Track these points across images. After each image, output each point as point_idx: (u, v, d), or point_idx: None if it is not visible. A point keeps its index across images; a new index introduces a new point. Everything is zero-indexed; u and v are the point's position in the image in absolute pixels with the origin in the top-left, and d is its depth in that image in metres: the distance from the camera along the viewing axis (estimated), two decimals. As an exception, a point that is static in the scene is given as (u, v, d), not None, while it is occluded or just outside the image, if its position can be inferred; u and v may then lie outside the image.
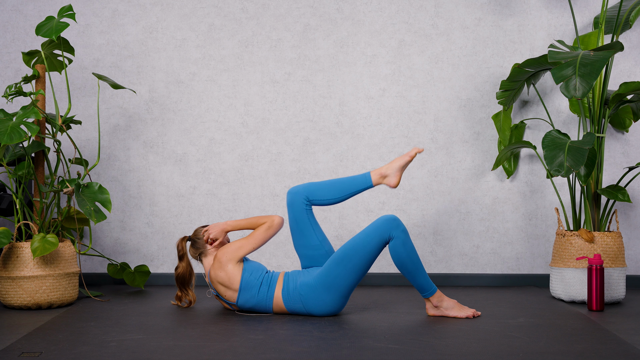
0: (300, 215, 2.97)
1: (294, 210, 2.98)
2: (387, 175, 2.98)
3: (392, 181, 2.98)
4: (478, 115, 3.84)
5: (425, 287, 2.83)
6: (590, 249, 3.24)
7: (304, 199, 2.98)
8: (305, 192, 2.99)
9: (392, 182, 2.98)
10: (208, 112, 3.86)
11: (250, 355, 2.21)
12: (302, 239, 2.98)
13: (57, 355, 2.22)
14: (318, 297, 2.82)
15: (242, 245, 2.89)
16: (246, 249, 2.89)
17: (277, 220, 2.94)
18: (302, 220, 2.97)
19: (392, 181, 2.98)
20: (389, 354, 2.21)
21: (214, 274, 2.88)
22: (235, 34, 3.86)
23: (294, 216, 2.98)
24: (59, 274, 3.13)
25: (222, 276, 2.86)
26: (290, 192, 3.00)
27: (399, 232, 2.78)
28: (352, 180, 3.00)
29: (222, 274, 2.86)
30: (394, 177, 2.98)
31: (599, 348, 2.31)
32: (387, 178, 2.98)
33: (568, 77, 2.85)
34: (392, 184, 2.98)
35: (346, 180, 3.00)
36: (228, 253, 2.88)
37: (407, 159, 2.98)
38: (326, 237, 3.00)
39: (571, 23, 3.81)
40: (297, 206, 2.98)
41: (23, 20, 3.86)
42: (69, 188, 3.19)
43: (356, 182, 2.99)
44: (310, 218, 2.98)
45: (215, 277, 2.88)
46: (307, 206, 2.99)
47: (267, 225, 2.92)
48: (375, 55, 3.85)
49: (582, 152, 2.98)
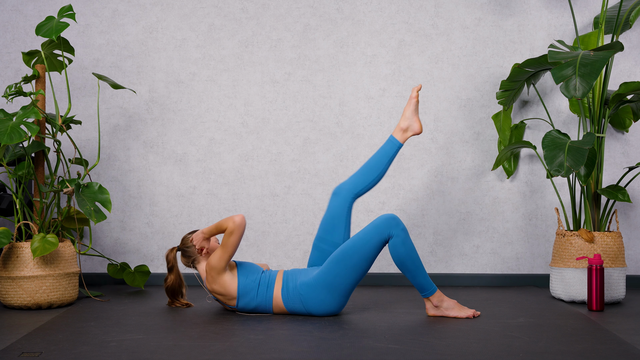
0: (341, 211, 3.00)
1: (335, 206, 3.00)
2: (407, 127, 3.01)
3: (416, 127, 3.01)
4: (478, 115, 3.84)
5: (426, 287, 2.83)
6: (590, 249, 3.24)
7: (351, 195, 3.00)
8: (351, 188, 3.01)
9: (416, 128, 3.01)
10: (208, 112, 3.86)
11: (250, 355, 2.21)
12: (330, 234, 2.99)
13: (57, 355, 2.22)
14: (318, 296, 2.82)
15: (220, 255, 2.83)
16: (225, 258, 2.83)
17: (238, 220, 2.82)
18: (340, 217, 2.99)
19: (415, 127, 3.01)
20: (389, 354, 2.21)
21: (210, 288, 2.88)
22: (235, 34, 3.86)
23: (333, 211, 3.00)
24: (59, 274, 3.13)
25: (218, 288, 2.86)
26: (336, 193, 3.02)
27: (399, 230, 2.78)
28: (381, 152, 3.02)
29: (217, 286, 2.86)
30: (414, 123, 3.01)
31: (599, 348, 2.31)
32: (410, 128, 3.01)
33: (568, 77, 2.85)
34: (417, 129, 3.01)
35: (376, 156, 3.02)
36: (213, 268, 2.84)
37: (414, 102, 3.01)
38: None
39: (571, 23, 3.81)
40: (340, 202, 2.99)
41: (23, 20, 3.86)
42: (69, 188, 3.19)
43: (386, 151, 3.01)
44: (348, 217, 3.00)
45: (212, 290, 2.88)
46: (350, 204, 3.01)
47: (229, 231, 2.82)
48: (375, 55, 3.85)
49: (582, 152, 2.98)
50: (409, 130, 3.02)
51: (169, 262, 3.04)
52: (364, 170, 3.03)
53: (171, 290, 3.07)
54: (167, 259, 3.05)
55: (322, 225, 3.03)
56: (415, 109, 3.01)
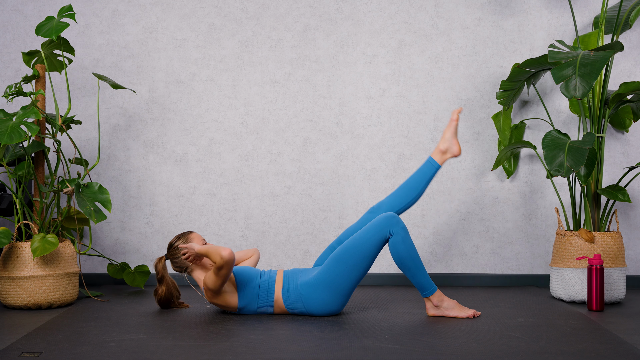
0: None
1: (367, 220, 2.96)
2: (447, 149, 2.99)
3: (455, 149, 2.99)
4: (478, 115, 3.84)
5: (426, 286, 2.82)
6: (590, 249, 3.24)
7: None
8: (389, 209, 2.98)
9: (455, 151, 2.99)
10: (208, 112, 3.86)
11: (250, 355, 2.21)
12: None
13: (57, 355, 2.22)
14: (319, 296, 2.82)
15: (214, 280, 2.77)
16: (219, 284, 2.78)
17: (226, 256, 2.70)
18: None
19: (454, 150, 2.99)
20: (389, 354, 2.21)
21: (210, 300, 2.86)
22: (235, 34, 3.86)
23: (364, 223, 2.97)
24: (59, 274, 3.13)
25: (219, 302, 2.86)
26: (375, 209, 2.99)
27: (399, 229, 2.78)
28: (419, 173, 2.99)
29: (217, 301, 2.85)
30: (453, 146, 2.99)
31: (599, 348, 2.31)
32: (450, 150, 3.00)
33: (568, 77, 2.85)
34: (456, 152, 2.99)
35: (414, 177, 3.00)
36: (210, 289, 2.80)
37: (454, 124, 2.99)
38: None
39: (571, 23, 3.81)
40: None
41: (23, 20, 3.86)
42: (69, 188, 3.19)
43: (424, 173, 2.99)
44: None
45: (212, 301, 2.87)
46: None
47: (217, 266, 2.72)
48: (375, 55, 3.85)
49: (582, 152, 2.98)
50: (447, 152, 2.99)
51: (159, 273, 2.98)
52: (401, 190, 3.01)
53: (164, 301, 3.02)
54: (156, 269, 2.98)
55: (347, 231, 3.03)
56: (454, 131, 2.99)
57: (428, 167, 2.99)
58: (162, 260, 2.99)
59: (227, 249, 2.71)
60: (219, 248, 2.73)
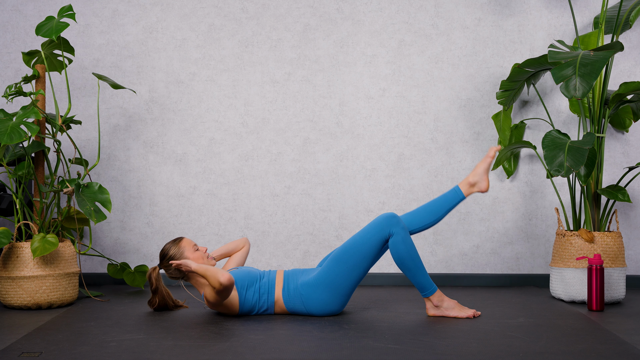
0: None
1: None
2: (475, 183, 2.97)
3: (483, 186, 2.96)
4: (478, 115, 3.84)
5: (426, 286, 2.82)
6: (590, 249, 3.24)
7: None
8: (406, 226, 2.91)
9: (483, 187, 2.96)
10: (208, 112, 3.86)
11: (250, 355, 2.21)
12: None
13: (57, 355, 2.22)
14: (319, 296, 2.82)
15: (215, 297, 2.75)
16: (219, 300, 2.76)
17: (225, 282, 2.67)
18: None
19: (482, 186, 2.96)
20: (389, 354, 2.21)
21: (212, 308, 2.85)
22: (235, 34, 3.86)
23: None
24: (59, 274, 3.13)
25: (221, 310, 2.85)
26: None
27: (399, 229, 2.78)
28: (443, 199, 2.97)
29: (218, 309, 2.84)
30: (483, 181, 2.96)
31: (599, 348, 2.31)
32: (478, 184, 2.97)
33: (568, 77, 2.85)
34: (484, 188, 2.96)
35: (437, 201, 2.97)
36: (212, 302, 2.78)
37: (489, 161, 2.96)
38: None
39: (571, 23, 3.81)
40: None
41: (23, 20, 3.86)
42: (69, 188, 3.19)
43: (448, 200, 2.96)
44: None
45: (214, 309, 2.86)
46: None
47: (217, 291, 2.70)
48: (375, 55, 3.85)
49: (582, 152, 2.98)
50: (475, 186, 2.97)
51: (153, 284, 2.95)
52: (421, 211, 2.98)
53: (162, 308, 3.00)
54: (149, 279, 2.95)
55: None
56: (488, 168, 2.96)
57: (452, 196, 2.97)
58: (156, 271, 2.95)
59: (225, 275, 2.65)
60: (217, 272, 2.67)
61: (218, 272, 2.68)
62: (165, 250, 2.93)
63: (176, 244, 2.93)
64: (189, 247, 2.92)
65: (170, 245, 2.93)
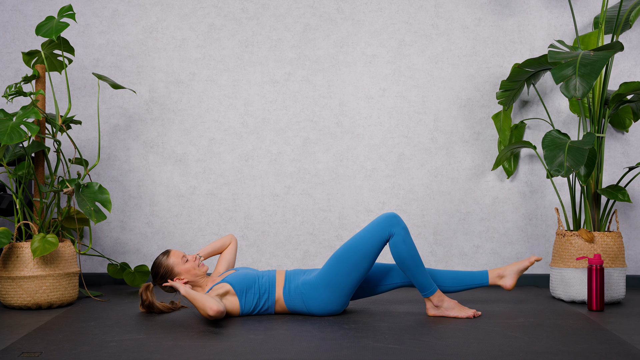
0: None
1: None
2: (504, 276, 3.01)
3: (508, 283, 3.00)
4: (478, 115, 3.84)
5: (426, 286, 2.83)
6: (590, 249, 3.24)
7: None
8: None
9: (508, 284, 3.00)
10: (208, 112, 3.86)
11: (250, 355, 2.21)
12: None
13: (57, 355, 2.22)
14: (320, 295, 2.82)
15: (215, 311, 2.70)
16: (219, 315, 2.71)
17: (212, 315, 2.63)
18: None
19: (508, 283, 3.00)
20: (389, 354, 2.21)
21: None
22: (235, 34, 3.86)
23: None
24: (59, 274, 3.13)
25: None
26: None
27: (399, 229, 2.78)
28: (469, 276, 3.01)
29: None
30: (510, 279, 3.00)
31: (599, 348, 2.31)
32: (504, 279, 3.01)
33: (568, 77, 2.85)
34: (508, 286, 3.00)
35: (464, 276, 3.01)
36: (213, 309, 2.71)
37: (527, 264, 3.01)
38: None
39: (571, 23, 3.81)
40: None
41: (23, 20, 3.86)
42: (69, 188, 3.19)
43: (473, 278, 3.01)
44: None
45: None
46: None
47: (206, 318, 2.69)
48: (375, 55, 3.85)
49: (582, 152, 2.98)
50: (501, 281, 3.00)
51: (146, 300, 2.91)
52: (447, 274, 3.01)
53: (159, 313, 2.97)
54: (142, 297, 2.91)
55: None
56: (521, 270, 3.01)
57: (479, 277, 3.01)
58: (150, 288, 2.92)
59: (214, 307, 2.61)
60: (205, 303, 2.62)
61: (206, 302, 2.62)
62: (155, 269, 2.88)
63: (165, 261, 2.88)
64: (178, 260, 2.88)
65: (159, 262, 2.88)
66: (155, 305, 2.93)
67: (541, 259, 3.06)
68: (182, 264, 2.88)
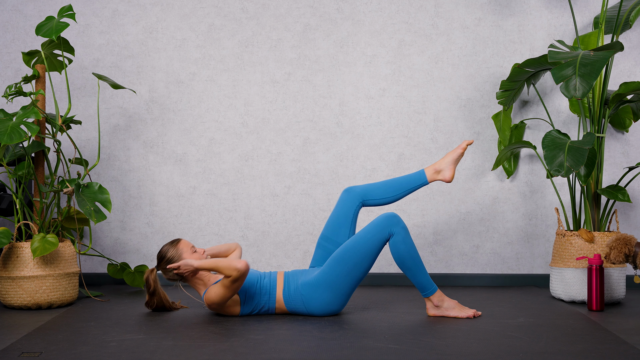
0: (347, 213, 2.98)
1: (343, 206, 2.99)
2: (441, 170, 2.99)
3: (447, 174, 2.98)
4: (478, 115, 3.84)
5: (426, 286, 2.83)
6: (590, 249, 3.24)
7: (358, 199, 2.99)
8: (361, 193, 3.00)
9: (447, 176, 2.97)
10: (208, 112, 3.86)
11: (250, 355, 2.21)
12: (335, 234, 2.98)
13: (57, 355, 2.22)
14: (319, 296, 2.82)
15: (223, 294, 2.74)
16: (228, 297, 2.76)
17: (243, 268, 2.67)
18: (346, 218, 2.98)
19: (446, 174, 2.98)
20: (389, 354, 2.21)
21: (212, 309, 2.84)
22: (235, 34, 3.86)
23: (339, 211, 2.99)
24: (59, 274, 3.13)
25: (221, 311, 2.85)
26: (348, 190, 3.01)
27: (399, 229, 2.78)
28: (406, 179, 3.00)
29: (220, 310, 2.84)
30: (448, 170, 2.98)
31: (599, 348, 2.31)
32: (442, 172, 2.98)
33: (568, 77, 2.85)
34: (447, 177, 2.97)
35: (401, 180, 3.00)
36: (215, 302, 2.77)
37: (460, 152, 2.98)
38: None
39: (571, 23, 3.81)
40: (348, 204, 2.98)
41: (23, 20, 3.86)
42: (69, 188, 3.19)
43: (411, 180, 3.00)
44: (354, 220, 2.99)
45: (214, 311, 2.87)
46: (357, 207, 3.00)
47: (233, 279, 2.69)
48: (375, 55, 3.85)
49: (582, 152, 2.98)
50: (440, 174, 2.99)
51: (150, 285, 2.91)
52: (382, 185, 3.02)
53: (160, 308, 2.98)
54: (147, 281, 2.91)
55: (328, 224, 3.02)
56: (457, 159, 2.99)
57: (416, 178, 3.00)
58: (154, 273, 2.92)
59: (242, 261, 2.67)
60: (230, 263, 2.67)
61: (230, 262, 2.67)
62: (163, 252, 2.90)
63: (174, 245, 2.90)
64: (187, 248, 2.90)
65: (168, 247, 2.90)
66: (159, 292, 2.93)
67: (472, 141, 3.00)
68: (190, 253, 2.89)
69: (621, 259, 2.90)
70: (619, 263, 2.92)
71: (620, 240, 2.91)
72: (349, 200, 3.00)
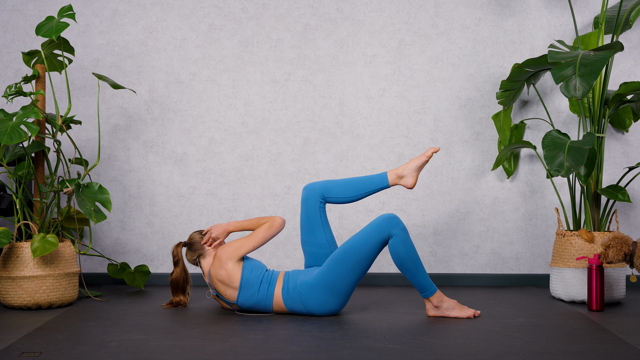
0: (313, 211, 2.98)
1: (307, 206, 2.99)
2: (403, 176, 2.97)
3: (409, 181, 2.96)
4: (478, 115, 3.84)
5: (426, 287, 2.82)
6: (590, 249, 3.24)
7: (319, 196, 2.99)
8: (321, 190, 3.00)
9: (409, 183, 2.96)
10: (208, 112, 3.86)
11: (250, 355, 2.21)
12: (311, 236, 2.98)
13: (57, 355, 2.22)
14: (318, 296, 2.82)
15: (242, 244, 2.90)
16: (246, 248, 2.90)
17: (279, 220, 2.96)
18: (314, 217, 2.98)
19: (408, 182, 2.96)
20: (389, 354, 2.21)
21: (214, 272, 2.88)
22: (235, 34, 3.86)
23: (306, 212, 2.99)
24: (59, 274, 3.13)
25: (223, 274, 2.87)
26: (307, 187, 3.01)
27: (399, 230, 2.78)
28: (368, 179, 2.99)
29: (223, 272, 2.87)
30: (410, 177, 2.96)
31: (599, 348, 2.31)
32: (404, 179, 2.97)
33: (568, 77, 2.85)
34: (409, 184, 2.96)
35: (362, 180, 2.99)
36: (229, 252, 2.88)
37: (424, 159, 2.97)
38: (334, 238, 3.00)
39: (571, 23, 3.81)
40: (311, 202, 2.98)
41: (23, 20, 3.86)
42: (69, 188, 3.19)
43: (372, 182, 2.98)
44: (323, 216, 2.99)
45: (216, 275, 2.88)
46: (321, 204, 3.00)
47: (268, 225, 2.94)
48: (375, 55, 3.85)
49: (582, 152, 2.98)
50: (402, 180, 2.97)
51: (175, 256, 3.05)
52: (342, 183, 3.00)
53: (175, 283, 3.07)
54: (173, 253, 3.07)
55: (302, 227, 3.03)
56: (421, 166, 2.97)
57: (378, 180, 2.98)
58: (180, 246, 3.06)
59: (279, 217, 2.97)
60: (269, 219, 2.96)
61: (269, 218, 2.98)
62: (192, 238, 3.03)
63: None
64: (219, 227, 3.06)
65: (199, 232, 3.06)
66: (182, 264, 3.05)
67: (438, 149, 2.97)
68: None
69: (621, 258, 2.90)
70: (618, 262, 2.92)
71: (618, 239, 2.91)
72: (311, 198, 2.99)
